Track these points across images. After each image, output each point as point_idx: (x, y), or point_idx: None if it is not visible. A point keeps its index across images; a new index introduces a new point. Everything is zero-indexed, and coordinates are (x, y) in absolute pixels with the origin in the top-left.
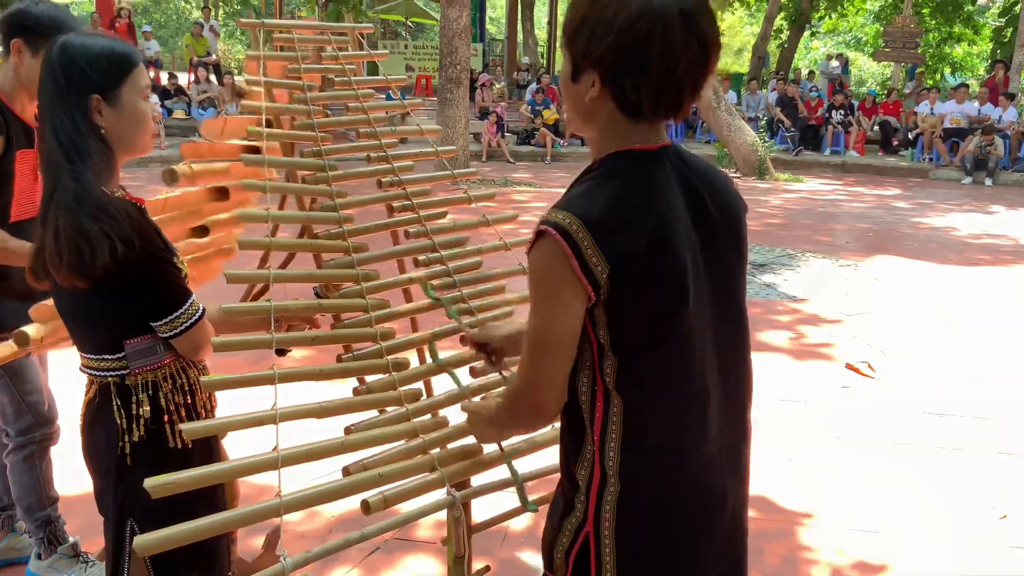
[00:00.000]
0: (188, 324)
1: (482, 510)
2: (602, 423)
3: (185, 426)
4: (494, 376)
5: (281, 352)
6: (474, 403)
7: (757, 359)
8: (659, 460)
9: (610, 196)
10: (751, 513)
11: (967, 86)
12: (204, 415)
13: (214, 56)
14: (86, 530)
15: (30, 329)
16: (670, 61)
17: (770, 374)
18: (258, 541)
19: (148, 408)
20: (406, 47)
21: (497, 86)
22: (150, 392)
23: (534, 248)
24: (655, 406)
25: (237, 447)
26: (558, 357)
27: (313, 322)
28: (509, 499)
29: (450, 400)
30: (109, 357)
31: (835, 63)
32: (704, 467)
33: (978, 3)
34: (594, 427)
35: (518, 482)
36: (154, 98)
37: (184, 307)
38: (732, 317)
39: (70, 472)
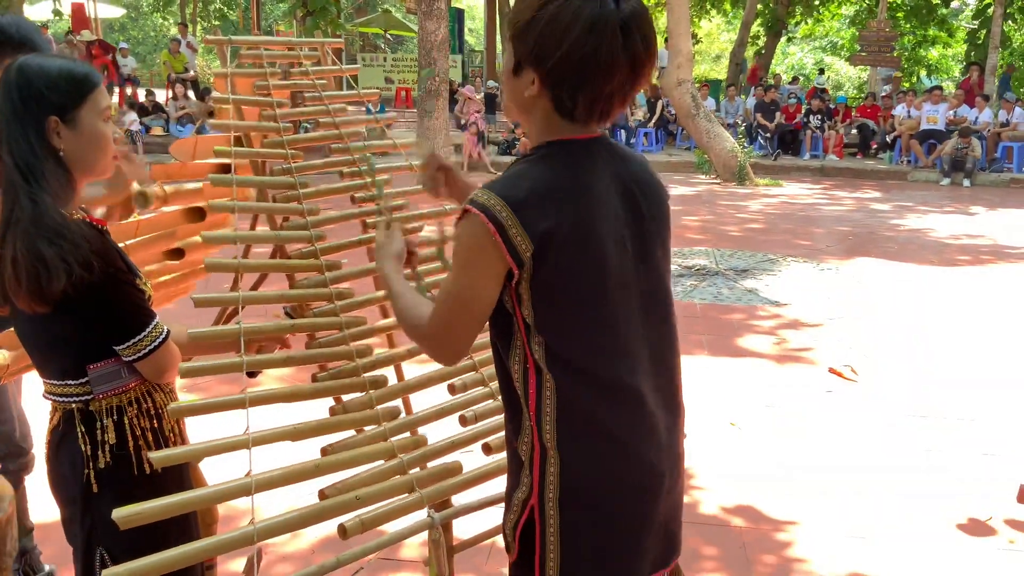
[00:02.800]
0: (152, 347)
1: (466, 526)
2: (536, 400)
3: (154, 454)
4: (477, 391)
5: (252, 374)
6: (386, 249)
7: (740, 364)
8: (594, 436)
9: (536, 178)
10: (737, 522)
11: (941, 88)
12: (172, 440)
13: (192, 72)
14: (62, 557)
15: None
16: (608, 79)
17: (753, 379)
18: (237, 564)
19: (113, 434)
20: (385, 60)
21: (478, 97)
22: (115, 417)
23: (460, 223)
24: (584, 386)
25: (213, 470)
26: (468, 320)
27: (284, 342)
28: (491, 516)
29: (430, 417)
30: (72, 382)
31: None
32: (640, 444)
33: (952, 6)
34: (529, 404)
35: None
36: (132, 115)
37: (147, 330)
38: (658, 303)
39: (46, 499)
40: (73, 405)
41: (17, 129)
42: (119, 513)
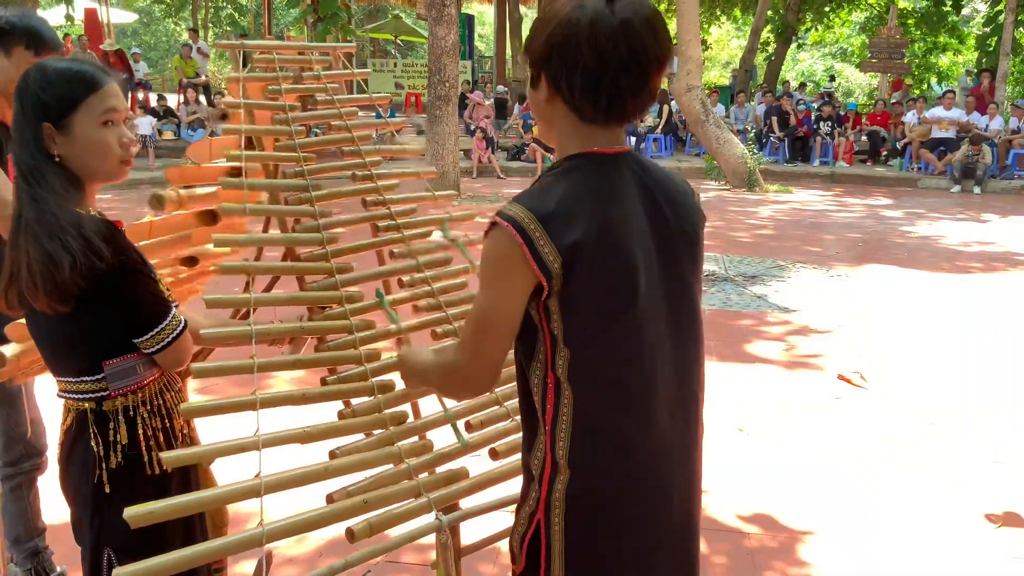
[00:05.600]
0: (172, 337)
1: (473, 531)
2: (553, 414)
3: (166, 455)
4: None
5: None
6: (410, 353)
7: (749, 370)
8: (607, 451)
9: (564, 191)
10: (745, 528)
11: (953, 93)
12: (182, 440)
13: (203, 77)
14: (71, 558)
15: (7, 350)
16: (599, 64)
17: (762, 385)
18: (247, 566)
19: (125, 434)
20: (396, 65)
21: (487, 102)
22: (128, 416)
23: (488, 236)
24: (604, 399)
25: (222, 471)
26: (498, 337)
27: (302, 340)
28: (499, 520)
29: (438, 422)
30: (88, 379)
31: (976, 79)
32: (651, 460)
33: (962, 13)
34: (546, 418)
35: (451, 419)
36: (147, 119)
37: (167, 320)
38: (686, 321)
39: (57, 500)
40: (86, 404)
41: (20, 133)
42: (130, 512)
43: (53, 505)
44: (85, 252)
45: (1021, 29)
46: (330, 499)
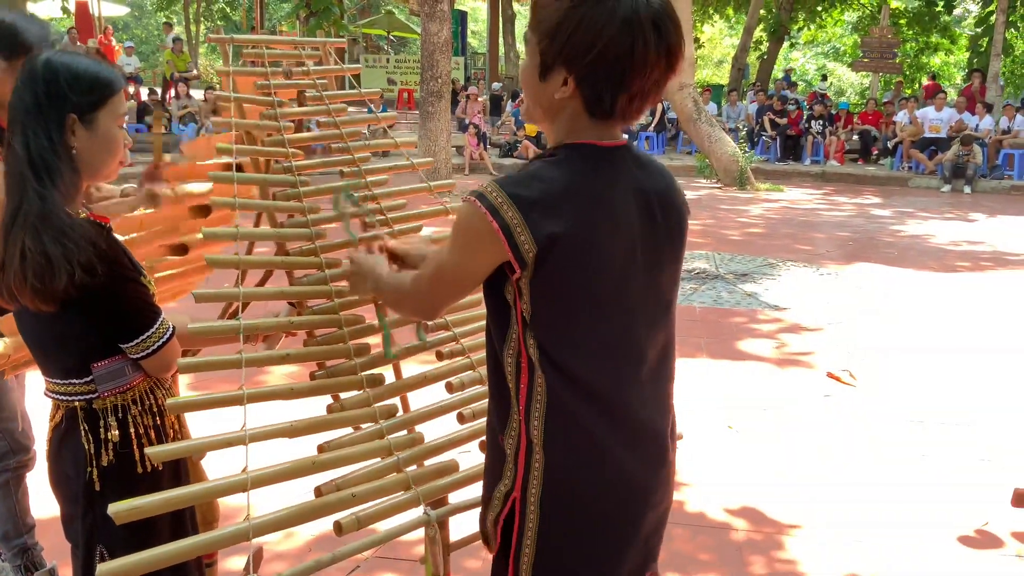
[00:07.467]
0: (159, 344)
1: (462, 525)
2: (527, 395)
3: (151, 450)
4: (474, 391)
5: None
6: (367, 260)
7: (739, 368)
8: (578, 441)
9: (552, 180)
10: (734, 524)
11: (945, 93)
12: (173, 436)
13: (195, 71)
14: (58, 553)
15: None
16: (644, 75)
17: (751, 383)
18: (236, 562)
19: (117, 432)
20: (388, 61)
21: (481, 98)
22: (119, 416)
23: (463, 207)
24: (572, 389)
25: (210, 467)
26: (455, 290)
27: (290, 332)
28: None
29: (427, 416)
30: (76, 381)
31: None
32: (625, 455)
33: (954, 13)
34: (520, 398)
35: (384, 328)
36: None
37: (154, 327)
38: (661, 318)
39: (46, 495)
40: (76, 404)
41: (38, 123)
42: (116, 508)
43: (41, 500)
44: (81, 265)
45: (1012, 30)
46: (318, 492)
